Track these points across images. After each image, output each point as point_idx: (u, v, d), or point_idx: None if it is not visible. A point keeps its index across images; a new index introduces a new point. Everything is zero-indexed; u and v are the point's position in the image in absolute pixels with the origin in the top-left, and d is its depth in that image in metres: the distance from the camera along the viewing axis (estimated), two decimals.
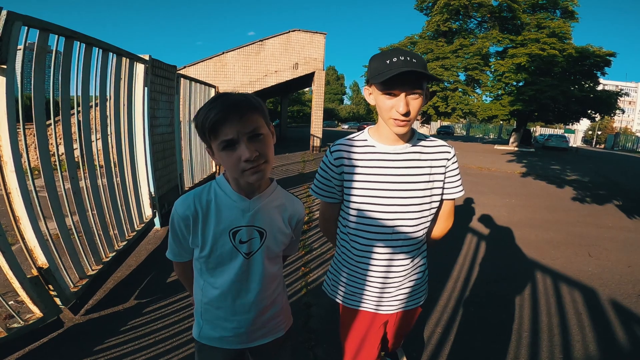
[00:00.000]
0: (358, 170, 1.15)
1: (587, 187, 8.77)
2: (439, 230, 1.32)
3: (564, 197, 7.35)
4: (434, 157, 1.17)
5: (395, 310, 1.27)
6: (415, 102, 1.03)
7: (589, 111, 20.68)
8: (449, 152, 1.19)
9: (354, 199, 1.16)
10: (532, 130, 31.81)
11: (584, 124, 45.01)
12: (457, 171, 1.21)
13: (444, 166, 1.18)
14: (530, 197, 7.04)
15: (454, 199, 1.26)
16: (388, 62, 1.00)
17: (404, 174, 1.13)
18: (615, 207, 6.54)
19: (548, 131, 38.06)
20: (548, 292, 2.93)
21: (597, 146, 43.41)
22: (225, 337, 1.06)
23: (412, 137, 1.16)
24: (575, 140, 37.54)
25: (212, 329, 1.06)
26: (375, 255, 1.18)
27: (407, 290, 1.25)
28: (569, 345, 2.21)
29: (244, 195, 0.97)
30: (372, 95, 1.09)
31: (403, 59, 0.99)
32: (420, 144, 1.16)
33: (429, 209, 1.18)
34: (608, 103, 19.89)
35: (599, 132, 49.01)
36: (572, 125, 24.69)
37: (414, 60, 0.99)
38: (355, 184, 1.15)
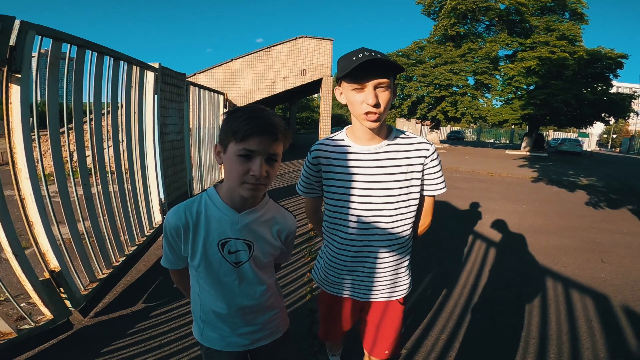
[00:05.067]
0: (335, 169, 1.20)
1: (601, 192, 8.58)
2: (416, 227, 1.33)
3: (577, 202, 7.21)
4: (411, 154, 1.17)
5: (373, 299, 1.31)
6: (383, 95, 1.06)
7: (603, 114, 20.32)
8: (427, 149, 1.18)
9: (332, 196, 1.22)
10: (544, 135, 31.32)
11: (598, 128, 44.10)
12: (437, 168, 1.21)
13: (422, 164, 1.18)
14: (542, 203, 6.92)
15: (433, 196, 1.27)
16: (354, 58, 1.04)
17: (379, 173, 1.15)
18: (630, 213, 6.38)
19: (561, 135, 37.44)
20: (558, 299, 2.87)
21: (613, 150, 42.44)
22: (226, 339, 1.09)
23: (389, 134, 1.17)
24: (590, 144, 36.80)
25: (212, 330, 1.10)
26: (353, 249, 1.23)
27: (387, 283, 1.28)
28: (578, 352, 2.16)
29: (234, 209, 0.99)
30: (343, 95, 1.13)
31: (368, 54, 1.03)
32: (397, 141, 1.17)
33: (407, 206, 1.19)
34: (622, 106, 19.53)
35: (614, 136, 47.95)
36: (585, 128, 24.23)
37: (378, 55, 1.03)
38: (333, 182, 1.21)
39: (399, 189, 1.16)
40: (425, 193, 1.24)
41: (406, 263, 1.31)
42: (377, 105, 1.05)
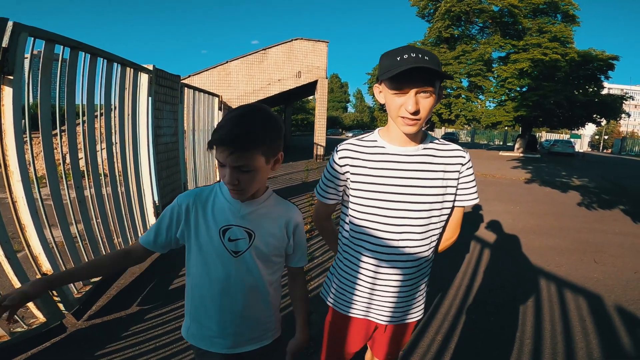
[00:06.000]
0: (365, 171, 1.09)
1: (594, 192, 8.68)
2: (442, 241, 1.22)
3: (569, 203, 7.28)
4: (447, 161, 1.10)
5: (392, 322, 1.21)
6: (425, 101, 0.98)
7: (594, 115, 20.58)
8: (464, 157, 1.12)
9: (360, 201, 1.11)
10: (537, 136, 31.65)
11: (590, 129, 44.67)
12: (472, 177, 1.14)
13: (458, 171, 1.11)
14: (536, 204, 6.99)
15: (463, 207, 1.18)
16: (399, 58, 0.95)
17: (415, 177, 1.07)
18: (622, 213, 6.47)
19: (554, 136, 37.83)
20: (552, 299, 2.90)
21: (605, 151, 42.99)
22: (211, 337, 1.06)
23: (424, 139, 1.11)
24: (582, 145, 37.25)
25: (198, 329, 1.08)
26: (380, 263, 1.12)
27: (409, 302, 1.19)
28: (572, 352, 2.18)
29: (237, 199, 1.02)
30: (382, 94, 1.05)
31: (415, 55, 0.94)
32: (432, 146, 1.11)
33: (439, 215, 1.11)
34: (613, 107, 19.79)
35: (606, 137, 48.59)
36: (577, 130, 24.52)
37: (426, 57, 0.95)
38: (363, 186, 1.10)
39: (434, 195, 1.08)
40: (457, 204, 1.15)
41: (427, 280, 1.23)
42: (416, 113, 0.97)
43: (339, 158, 1.13)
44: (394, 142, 1.09)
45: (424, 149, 1.09)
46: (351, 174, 1.12)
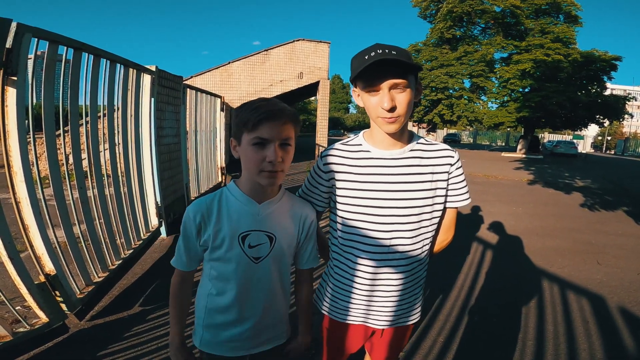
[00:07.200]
0: (350, 177, 1.07)
1: (596, 193, 8.64)
2: (436, 243, 1.20)
3: (572, 204, 7.25)
4: (435, 162, 1.07)
5: (388, 326, 1.18)
6: (401, 96, 0.94)
7: (597, 116, 20.50)
8: (452, 157, 1.09)
9: (347, 207, 1.08)
10: (540, 137, 31.54)
11: (592, 130, 44.46)
12: (461, 177, 1.11)
13: (447, 172, 1.08)
14: (538, 205, 6.96)
15: (456, 208, 1.16)
16: (367, 57, 0.93)
17: (402, 181, 1.04)
18: (624, 214, 6.43)
19: (556, 137, 37.68)
20: (554, 301, 2.89)
21: (607, 152, 42.80)
22: (227, 343, 1.05)
23: (410, 140, 1.08)
24: (585, 146, 37.10)
25: (213, 336, 1.05)
26: (371, 269, 1.09)
27: (405, 306, 1.17)
28: (575, 353, 2.17)
29: (254, 200, 0.99)
30: (360, 97, 1.03)
31: (381, 51, 0.92)
32: (419, 147, 1.08)
33: (430, 219, 1.09)
34: (616, 108, 19.71)
35: (609, 138, 48.39)
36: (580, 131, 24.42)
37: (393, 52, 0.92)
38: (349, 192, 1.07)
39: (424, 199, 1.05)
40: (448, 205, 1.13)
41: (423, 283, 1.21)
42: (392, 109, 0.94)
43: (324, 164, 1.11)
44: (378, 145, 1.06)
45: (411, 150, 1.06)
46: (336, 180, 1.09)
